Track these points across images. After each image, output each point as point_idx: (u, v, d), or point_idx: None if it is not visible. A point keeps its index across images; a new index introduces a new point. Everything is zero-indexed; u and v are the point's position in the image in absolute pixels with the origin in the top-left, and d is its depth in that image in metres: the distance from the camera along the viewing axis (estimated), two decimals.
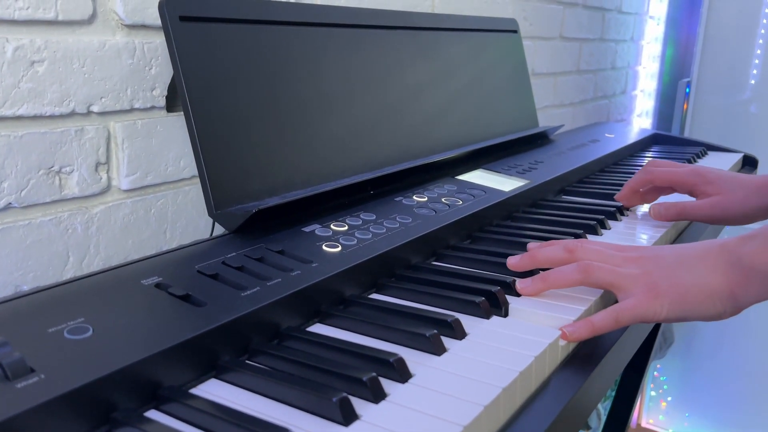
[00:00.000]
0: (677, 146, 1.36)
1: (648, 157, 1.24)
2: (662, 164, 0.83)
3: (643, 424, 2.20)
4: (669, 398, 2.16)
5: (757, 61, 1.93)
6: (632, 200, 0.84)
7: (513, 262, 0.61)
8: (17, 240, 0.61)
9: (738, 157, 1.29)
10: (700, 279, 0.53)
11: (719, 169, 0.80)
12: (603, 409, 1.82)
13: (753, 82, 1.93)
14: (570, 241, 0.59)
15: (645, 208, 0.86)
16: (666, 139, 1.41)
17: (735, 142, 1.52)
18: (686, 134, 2.00)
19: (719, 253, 0.54)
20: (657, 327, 1.39)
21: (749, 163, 1.31)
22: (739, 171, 1.26)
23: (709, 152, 1.33)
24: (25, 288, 0.62)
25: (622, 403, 1.36)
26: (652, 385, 2.18)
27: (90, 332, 0.41)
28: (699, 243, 0.57)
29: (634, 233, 0.77)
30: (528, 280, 0.57)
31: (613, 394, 1.39)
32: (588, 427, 1.75)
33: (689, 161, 1.19)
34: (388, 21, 0.88)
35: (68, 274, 0.65)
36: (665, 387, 2.16)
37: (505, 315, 0.54)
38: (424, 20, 0.95)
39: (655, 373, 2.17)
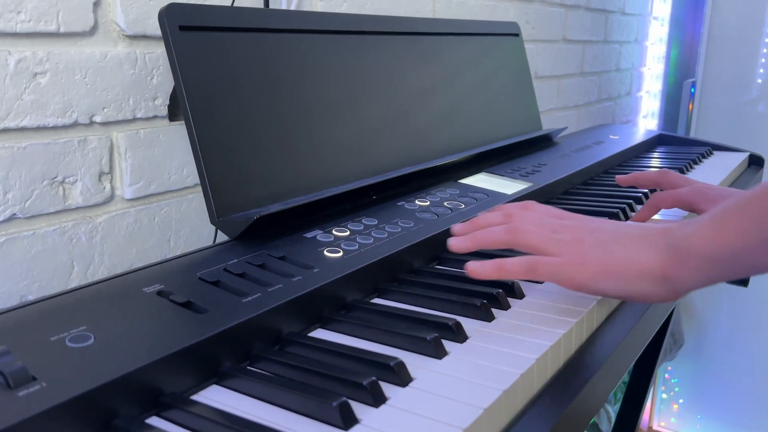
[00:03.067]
0: (683, 147, 1.35)
1: (654, 158, 1.24)
2: (668, 179, 0.83)
3: (655, 427, 2.19)
4: (681, 400, 2.15)
5: (763, 60, 1.92)
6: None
7: (457, 227, 0.59)
8: (22, 250, 0.62)
9: (744, 156, 1.28)
10: (632, 256, 0.51)
11: (723, 187, 0.80)
12: (613, 411, 1.81)
13: (759, 81, 1.92)
14: (512, 206, 0.59)
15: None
16: (671, 140, 1.41)
17: (742, 142, 1.52)
18: (692, 135, 1.99)
19: (659, 234, 0.52)
20: (665, 328, 1.38)
21: (755, 162, 1.30)
22: (745, 170, 1.25)
23: (714, 152, 1.32)
24: (30, 298, 0.63)
25: (631, 406, 1.35)
26: (663, 388, 2.17)
27: (92, 340, 0.41)
28: (643, 224, 0.55)
29: None
30: (458, 237, 0.57)
31: (623, 396, 1.38)
32: (598, 431, 1.73)
33: (695, 162, 1.18)
34: (389, 27, 0.89)
35: (73, 284, 0.66)
36: (676, 389, 2.15)
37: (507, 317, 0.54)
38: (425, 25, 0.95)
39: (666, 375, 2.16)
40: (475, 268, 0.50)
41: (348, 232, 0.63)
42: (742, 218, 0.47)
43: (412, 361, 0.45)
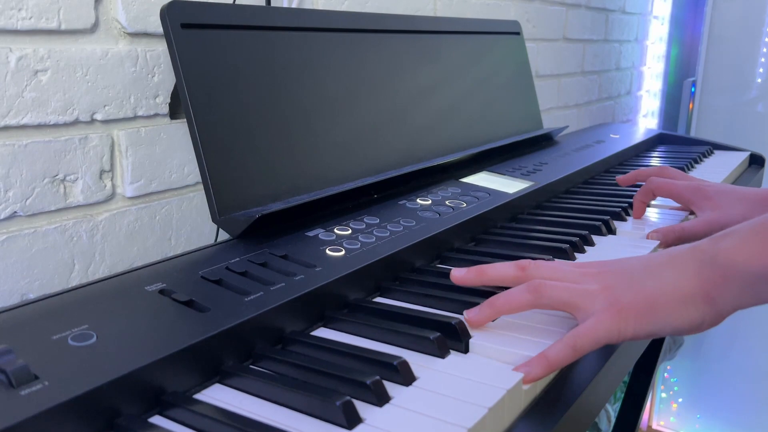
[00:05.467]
0: (683, 146, 1.35)
1: (654, 157, 1.24)
2: (667, 174, 0.82)
3: (654, 426, 2.19)
4: (680, 400, 2.15)
5: (763, 60, 1.92)
6: (643, 212, 0.83)
7: (458, 274, 0.54)
8: (23, 248, 0.61)
9: (744, 155, 1.28)
10: (669, 285, 0.46)
11: (721, 183, 0.79)
12: (613, 411, 1.81)
13: (759, 80, 1.92)
14: (522, 260, 0.53)
15: (650, 209, 0.86)
16: (672, 139, 1.41)
17: (742, 142, 1.52)
18: (692, 134, 1.99)
19: (690, 254, 0.48)
20: None
21: (756, 162, 1.30)
22: (746, 170, 1.25)
23: (715, 151, 1.32)
24: (31, 296, 0.63)
25: (632, 405, 1.35)
26: (662, 387, 2.17)
27: (94, 339, 0.41)
28: (667, 249, 0.51)
29: (640, 234, 0.77)
30: (476, 308, 0.50)
31: (623, 395, 1.38)
32: (598, 430, 1.74)
33: (695, 161, 1.18)
34: (390, 25, 0.88)
35: (74, 282, 0.66)
36: (676, 388, 2.15)
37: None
38: (426, 24, 0.95)
39: (666, 374, 2.16)
40: (528, 373, 0.44)
41: (350, 231, 0.63)
42: None
43: (416, 360, 0.45)
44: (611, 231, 0.77)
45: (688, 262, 0.47)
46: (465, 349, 0.47)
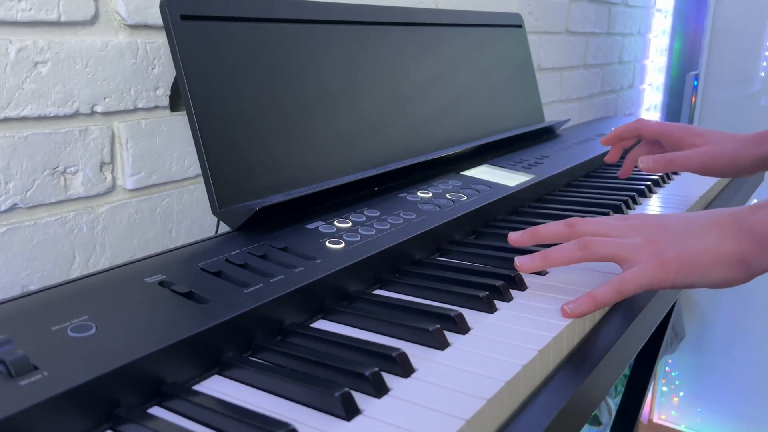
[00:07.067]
0: None
1: None
2: (646, 122, 0.85)
3: (655, 420, 2.19)
4: (681, 393, 2.15)
5: (767, 53, 1.91)
6: (616, 149, 0.88)
7: (514, 237, 0.60)
8: (23, 240, 0.61)
9: None
10: (710, 245, 0.52)
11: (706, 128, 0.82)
12: (614, 404, 1.81)
13: (762, 74, 1.91)
14: (571, 218, 0.59)
15: (652, 201, 0.86)
16: None
17: None
18: None
19: (730, 220, 0.53)
20: (666, 321, 1.38)
21: None
22: None
23: None
24: (32, 288, 0.63)
25: (632, 399, 1.35)
26: (663, 381, 2.17)
27: (93, 330, 0.41)
28: (707, 211, 0.56)
29: None
30: (527, 256, 0.57)
31: (623, 389, 1.38)
32: (599, 423, 1.74)
33: None
34: (392, 17, 0.88)
35: (74, 274, 0.66)
36: (677, 382, 2.15)
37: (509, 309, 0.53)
38: (427, 16, 0.95)
39: (667, 368, 2.16)
40: (574, 309, 0.50)
41: (350, 224, 0.63)
42: None
43: (415, 352, 0.45)
44: None
45: (729, 228, 0.52)
46: (464, 342, 0.47)
